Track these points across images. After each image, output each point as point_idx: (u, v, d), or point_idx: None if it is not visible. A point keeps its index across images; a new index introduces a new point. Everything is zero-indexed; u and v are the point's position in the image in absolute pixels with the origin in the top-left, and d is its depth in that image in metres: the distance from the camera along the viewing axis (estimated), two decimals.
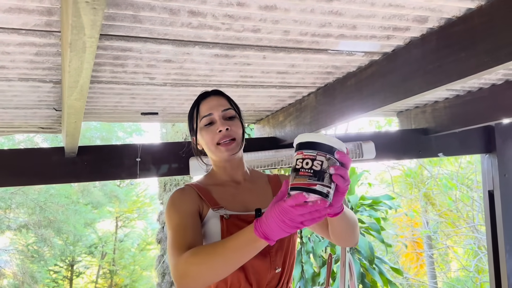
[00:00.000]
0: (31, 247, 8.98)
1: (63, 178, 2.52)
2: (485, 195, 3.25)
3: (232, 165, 1.39)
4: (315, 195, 0.94)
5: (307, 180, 0.95)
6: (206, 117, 1.34)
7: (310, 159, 0.96)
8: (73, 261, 10.35)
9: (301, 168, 0.96)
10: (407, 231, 8.94)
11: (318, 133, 1.05)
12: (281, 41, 1.66)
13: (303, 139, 1.00)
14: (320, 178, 0.95)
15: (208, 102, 1.36)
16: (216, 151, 1.34)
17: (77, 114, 1.57)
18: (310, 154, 0.97)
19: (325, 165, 0.96)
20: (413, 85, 1.79)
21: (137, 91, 2.12)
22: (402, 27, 1.63)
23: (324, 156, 0.97)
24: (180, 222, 1.25)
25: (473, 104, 2.77)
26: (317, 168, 0.95)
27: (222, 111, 1.35)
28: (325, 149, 0.97)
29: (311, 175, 0.95)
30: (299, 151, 0.99)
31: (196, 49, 1.64)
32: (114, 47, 1.57)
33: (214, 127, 1.32)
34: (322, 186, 0.95)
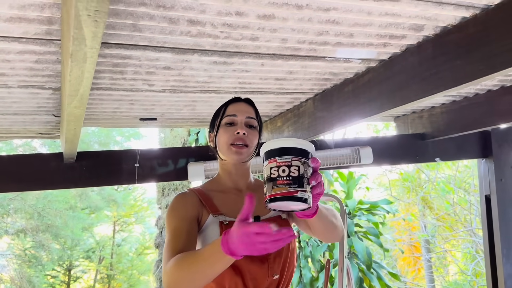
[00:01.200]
0: (28, 251, 8.96)
1: (62, 184, 2.52)
2: (482, 200, 3.27)
3: (237, 172, 1.41)
4: (298, 202, 0.94)
5: (288, 189, 0.93)
6: (230, 116, 1.38)
7: (286, 166, 0.94)
8: (71, 265, 10.33)
9: (278, 176, 0.94)
10: (405, 234, 8.95)
11: (285, 138, 1.06)
12: (279, 48, 1.68)
13: (273, 145, 0.97)
14: (299, 184, 0.94)
15: (237, 105, 1.41)
16: (227, 151, 1.36)
17: (77, 121, 1.58)
18: (284, 160, 0.94)
19: (302, 169, 0.95)
20: (409, 92, 1.81)
21: (136, 97, 2.13)
22: (399, 35, 1.65)
23: (299, 160, 0.95)
24: (177, 226, 1.27)
25: (469, 109, 2.79)
26: (295, 174, 0.94)
27: (246, 117, 1.39)
28: (299, 153, 0.96)
29: (290, 182, 0.93)
30: (271, 159, 0.96)
31: (195, 56, 1.65)
32: (114, 54, 1.59)
33: (233, 128, 1.36)
34: (302, 192, 0.94)
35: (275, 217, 1.38)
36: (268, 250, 0.94)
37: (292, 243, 1.37)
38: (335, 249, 3.99)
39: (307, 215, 1.10)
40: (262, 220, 1.32)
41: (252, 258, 1.27)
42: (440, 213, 8.26)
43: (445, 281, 9.78)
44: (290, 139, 0.98)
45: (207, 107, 2.42)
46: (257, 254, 0.95)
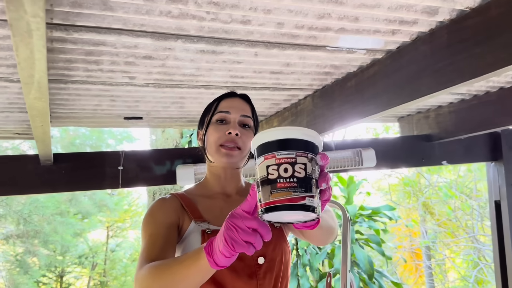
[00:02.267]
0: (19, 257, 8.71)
1: (38, 188, 2.32)
2: (491, 206, 3.07)
3: (226, 176, 1.24)
4: (305, 212, 0.70)
5: (292, 194, 0.69)
6: (222, 113, 1.20)
7: (289, 164, 0.70)
8: (63, 272, 10.08)
9: (278, 178, 0.70)
10: (405, 241, 8.75)
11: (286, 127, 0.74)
12: (274, 35, 1.48)
13: (271, 136, 0.73)
14: (307, 188, 0.70)
15: (231, 101, 1.24)
16: (216, 153, 1.18)
17: (42, 116, 1.38)
18: (287, 156, 0.71)
19: (309, 168, 0.71)
20: (420, 85, 1.62)
21: (117, 92, 1.93)
22: (409, 20, 1.46)
23: (306, 156, 0.71)
24: (154, 232, 1.10)
25: (479, 108, 2.60)
26: (301, 174, 0.70)
27: (240, 116, 1.21)
28: (304, 146, 0.72)
29: (295, 186, 0.70)
30: (268, 154, 0.72)
31: (178, 43, 1.45)
32: (85, 40, 1.39)
33: (225, 127, 1.18)
34: (310, 199, 0.70)
35: None
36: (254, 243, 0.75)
37: (286, 255, 1.18)
38: (335, 257, 3.78)
39: (308, 226, 0.84)
40: None
41: (239, 273, 1.08)
42: (441, 219, 8.06)
43: None
44: (293, 128, 0.73)
45: (196, 104, 2.22)
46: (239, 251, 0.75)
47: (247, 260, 1.10)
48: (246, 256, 1.10)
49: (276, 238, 1.16)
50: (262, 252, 1.12)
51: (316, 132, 0.75)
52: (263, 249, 1.12)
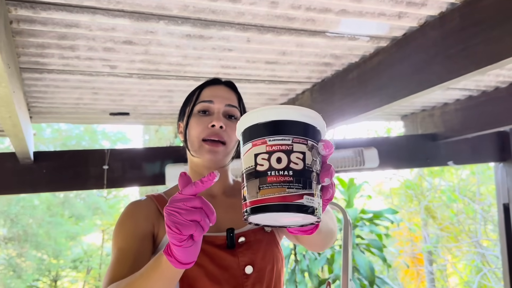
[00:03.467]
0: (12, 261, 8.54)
1: (17, 189, 2.17)
2: (500, 209, 2.92)
3: None
4: (302, 214, 0.55)
5: (287, 191, 0.54)
6: (204, 102, 1.04)
7: (284, 152, 0.55)
8: (57, 276, 9.89)
9: (269, 170, 0.55)
10: (407, 245, 8.57)
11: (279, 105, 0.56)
12: (268, 17, 1.33)
13: (261, 117, 0.57)
14: (305, 183, 0.55)
15: (214, 89, 1.08)
16: (198, 148, 1.02)
17: (7, 106, 1.22)
18: (281, 143, 0.55)
19: (309, 159, 0.55)
20: (430, 74, 1.47)
21: (98, 84, 1.78)
22: (418, 1, 1.31)
23: (305, 143, 0.56)
24: (123, 247, 0.94)
25: (488, 105, 2.45)
26: (298, 166, 0.55)
27: (225, 106, 1.04)
28: (303, 130, 0.57)
29: (291, 181, 0.54)
30: (256, 139, 0.57)
31: (160, 25, 1.30)
32: (56, 21, 1.24)
33: (208, 119, 1.03)
34: (309, 198, 0.55)
35: (255, 230, 1.03)
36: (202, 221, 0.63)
37: (278, 264, 1.01)
38: (335, 263, 3.62)
39: (305, 231, 0.69)
40: (237, 234, 0.98)
41: (223, 286, 0.93)
42: (443, 223, 7.89)
43: None
44: (290, 107, 0.57)
45: None
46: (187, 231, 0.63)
47: (233, 270, 0.94)
48: (231, 265, 0.94)
49: (266, 244, 1.00)
50: (250, 260, 0.96)
51: (318, 114, 0.59)
52: (251, 257, 0.97)
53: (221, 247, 0.96)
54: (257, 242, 0.99)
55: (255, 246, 0.96)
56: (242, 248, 0.97)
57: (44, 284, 9.64)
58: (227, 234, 0.96)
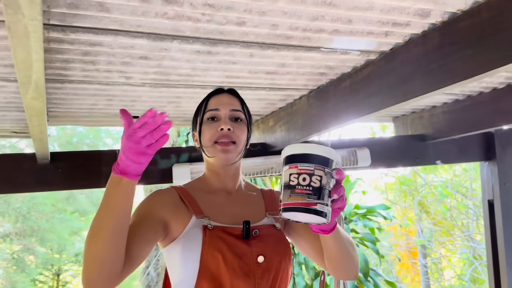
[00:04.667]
0: (16, 255, 8.72)
1: (35, 187, 2.33)
2: (485, 205, 3.11)
3: (226, 173, 1.25)
4: (316, 216, 0.87)
5: (306, 199, 0.86)
6: (212, 111, 1.23)
7: (308, 174, 0.87)
8: (59, 270, 10.08)
9: (297, 184, 0.87)
10: (401, 239, 8.80)
11: (311, 143, 1.00)
12: (269, 36, 1.50)
13: (297, 150, 0.90)
14: (320, 196, 0.87)
15: (219, 98, 1.26)
16: (212, 150, 1.20)
17: (39, 116, 1.39)
18: (307, 168, 0.87)
19: (324, 180, 0.87)
20: (413, 86, 1.64)
21: (114, 92, 1.95)
22: (402, 22, 1.49)
23: (323, 170, 0.88)
24: (134, 222, 1.08)
25: (473, 109, 2.63)
26: (316, 184, 0.87)
27: (230, 110, 1.23)
28: (322, 162, 0.88)
29: (310, 193, 0.86)
30: (292, 164, 0.89)
31: (174, 44, 1.47)
32: (82, 41, 1.41)
33: (216, 124, 1.21)
34: (322, 205, 0.87)
35: (267, 225, 1.20)
36: (150, 147, 0.89)
37: (286, 258, 1.18)
38: None
39: (323, 230, 0.99)
40: (252, 227, 1.15)
41: (236, 272, 1.09)
42: (437, 218, 8.10)
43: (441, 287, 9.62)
44: (315, 145, 0.90)
45: (192, 104, 2.24)
46: (144, 158, 0.90)
47: (246, 258, 1.10)
48: (246, 254, 1.10)
49: (276, 238, 1.17)
50: (261, 251, 1.12)
51: (335, 151, 0.91)
52: (263, 248, 1.13)
53: (238, 237, 1.12)
54: (269, 236, 1.16)
55: (267, 239, 1.12)
56: (255, 240, 1.13)
57: (47, 278, 9.85)
58: (244, 226, 1.13)
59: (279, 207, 0.91)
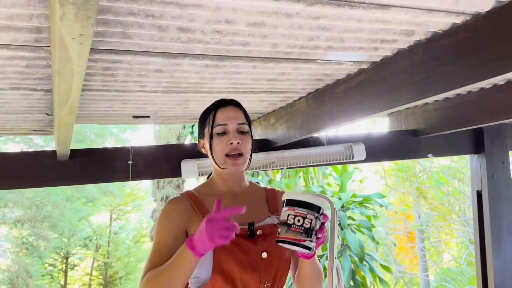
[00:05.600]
0: (25, 239, 9.01)
1: (55, 181, 2.53)
2: (473, 195, 3.30)
3: (233, 179, 1.40)
4: (303, 249, 1.12)
5: (298, 236, 1.11)
6: (221, 126, 1.36)
7: (302, 217, 1.11)
8: (68, 254, 10.40)
9: (293, 224, 1.12)
10: (399, 223, 9.04)
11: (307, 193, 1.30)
12: (270, 52, 1.68)
13: (296, 197, 1.15)
14: (309, 234, 1.11)
15: (225, 112, 1.38)
16: (224, 162, 1.35)
17: (67, 127, 1.59)
18: (301, 212, 1.12)
19: (313, 223, 1.12)
20: (400, 95, 1.82)
21: (128, 97, 2.14)
22: (389, 39, 1.66)
23: (313, 215, 1.12)
24: (161, 242, 1.28)
25: (462, 107, 2.80)
26: (307, 226, 1.11)
27: (237, 124, 1.37)
28: (315, 209, 1.13)
29: (302, 232, 1.11)
30: (291, 207, 1.14)
31: (186, 60, 1.65)
32: (104, 59, 1.59)
33: (226, 138, 1.34)
34: (309, 242, 1.12)
35: (270, 225, 1.37)
36: (229, 236, 1.11)
37: (286, 253, 1.37)
38: (327, 242, 4.02)
39: (306, 256, 1.25)
40: (256, 227, 1.33)
41: (244, 266, 1.27)
42: (434, 203, 8.32)
43: (439, 269, 9.91)
44: (311, 196, 1.16)
45: (200, 105, 2.42)
46: (219, 242, 1.10)
47: (252, 255, 1.28)
48: (252, 251, 1.28)
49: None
50: (265, 248, 1.29)
51: (325, 200, 1.21)
52: (266, 245, 1.30)
53: (244, 237, 1.30)
54: (271, 234, 1.32)
55: (270, 238, 1.29)
56: (260, 238, 1.31)
57: (56, 261, 10.17)
58: (249, 227, 1.31)
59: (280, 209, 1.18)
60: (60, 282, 10.62)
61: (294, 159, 2.81)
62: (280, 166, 2.82)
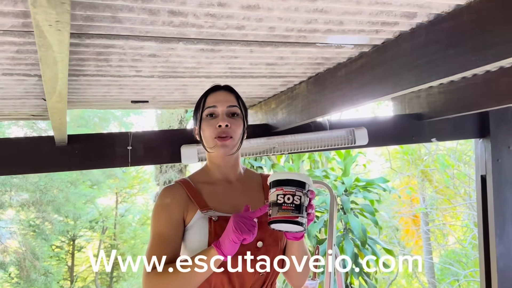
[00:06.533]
0: (32, 221, 9.12)
1: (54, 167, 2.52)
2: (477, 180, 3.26)
3: (226, 164, 1.39)
4: (297, 226, 1.12)
5: (290, 214, 1.12)
6: (209, 108, 1.35)
7: (291, 195, 1.12)
8: (74, 236, 10.53)
9: (283, 203, 1.12)
10: (403, 207, 9.03)
11: (291, 172, 1.22)
12: (267, 36, 1.63)
13: (282, 177, 1.15)
14: (300, 211, 1.12)
15: (216, 95, 1.37)
16: (212, 145, 1.34)
17: (60, 113, 1.56)
18: (290, 190, 1.13)
19: (303, 199, 1.13)
20: (401, 79, 1.76)
21: (125, 82, 2.10)
22: (391, 22, 1.60)
23: (302, 192, 1.14)
24: (160, 232, 1.27)
25: (467, 90, 2.74)
26: (298, 202, 1.12)
27: (227, 107, 1.35)
28: (302, 185, 1.14)
29: (293, 209, 1.12)
30: (278, 187, 1.14)
31: (180, 45, 1.61)
32: (96, 44, 1.54)
33: (215, 121, 1.33)
34: (302, 218, 1.13)
35: (265, 213, 1.36)
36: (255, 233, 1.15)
37: (281, 242, 1.35)
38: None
39: (296, 237, 1.24)
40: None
41: (239, 254, 1.26)
42: (439, 186, 8.28)
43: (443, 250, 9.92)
44: (295, 173, 1.17)
45: (198, 90, 2.38)
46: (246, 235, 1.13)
47: (248, 244, 1.27)
48: None
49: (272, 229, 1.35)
50: (260, 237, 1.29)
51: (309, 177, 1.19)
52: (262, 234, 1.29)
53: None
54: (267, 223, 1.31)
55: (265, 226, 1.26)
56: None
57: (63, 244, 10.31)
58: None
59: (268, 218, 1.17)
60: (67, 264, 10.80)
61: (295, 144, 2.78)
62: (281, 151, 2.79)
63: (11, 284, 9.09)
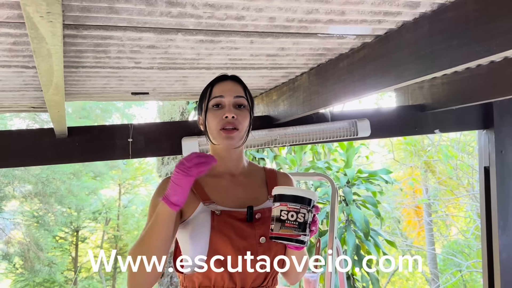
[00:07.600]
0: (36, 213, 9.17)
1: (55, 160, 2.51)
2: (481, 171, 3.23)
3: (230, 157, 1.36)
4: (299, 244, 1.11)
5: (293, 232, 1.09)
6: (216, 98, 1.31)
7: (295, 212, 1.09)
8: (78, 227, 10.58)
9: (286, 219, 1.10)
10: (406, 198, 9.01)
11: (297, 188, 1.18)
12: (268, 27, 1.60)
13: (287, 192, 1.12)
14: (303, 229, 1.10)
15: (223, 85, 1.34)
16: (217, 136, 1.30)
17: (58, 106, 1.54)
18: (294, 207, 1.10)
19: (307, 216, 1.11)
20: (404, 70, 1.74)
21: (124, 74, 2.08)
22: (393, 12, 1.57)
23: (306, 209, 1.11)
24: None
25: (471, 80, 2.70)
26: (301, 220, 1.10)
27: (234, 98, 1.31)
28: (307, 202, 1.11)
29: (296, 227, 1.09)
30: (283, 202, 1.11)
31: (179, 36, 1.58)
32: (94, 35, 1.52)
33: (221, 112, 1.29)
34: (304, 236, 1.11)
35: (269, 208, 1.33)
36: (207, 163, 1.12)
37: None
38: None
39: (297, 248, 1.20)
40: (255, 211, 1.28)
41: (241, 251, 1.23)
42: (442, 177, 8.26)
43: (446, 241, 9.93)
44: (300, 189, 1.13)
45: (199, 82, 2.36)
46: (195, 172, 1.10)
47: (250, 239, 1.24)
48: (249, 235, 1.25)
49: None
50: (263, 233, 1.26)
51: (315, 193, 1.16)
52: (265, 230, 1.25)
53: (242, 221, 1.26)
54: (270, 218, 1.28)
55: (268, 222, 1.21)
56: (258, 222, 1.26)
57: (66, 235, 10.37)
58: (248, 210, 1.27)
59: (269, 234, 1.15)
60: (71, 255, 10.87)
61: (297, 136, 2.76)
62: (283, 143, 2.77)
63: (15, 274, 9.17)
